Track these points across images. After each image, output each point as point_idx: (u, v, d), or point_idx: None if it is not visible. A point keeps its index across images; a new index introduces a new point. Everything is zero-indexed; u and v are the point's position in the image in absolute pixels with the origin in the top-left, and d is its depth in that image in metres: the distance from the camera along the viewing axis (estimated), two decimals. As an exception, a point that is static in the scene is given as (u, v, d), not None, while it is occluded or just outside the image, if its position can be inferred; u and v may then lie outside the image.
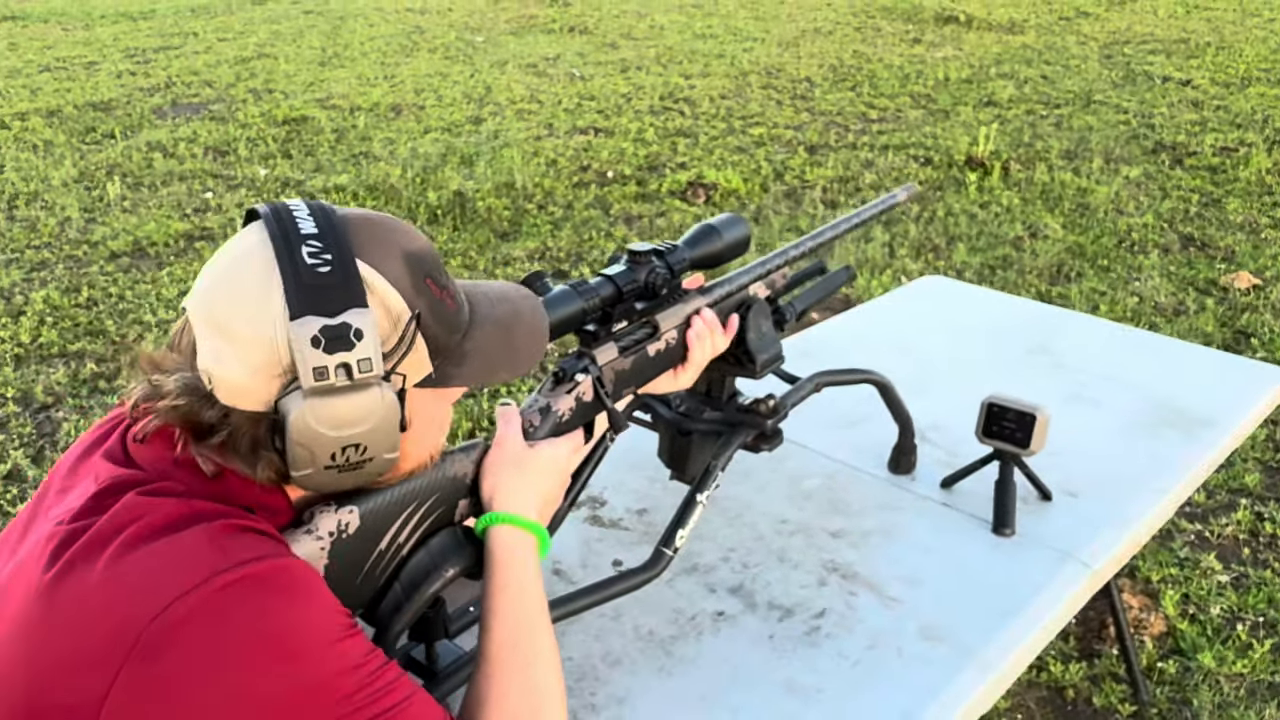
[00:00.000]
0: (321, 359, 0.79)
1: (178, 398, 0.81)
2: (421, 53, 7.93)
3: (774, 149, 5.75)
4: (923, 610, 1.24)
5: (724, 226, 1.26)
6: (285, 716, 0.75)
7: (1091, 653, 2.31)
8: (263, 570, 0.78)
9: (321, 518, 0.90)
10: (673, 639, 1.20)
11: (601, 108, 6.45)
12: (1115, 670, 2.23)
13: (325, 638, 0.78)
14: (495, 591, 0.95)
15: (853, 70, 7.48)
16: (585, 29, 8.83)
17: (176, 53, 7.92)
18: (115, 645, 0.73)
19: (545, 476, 1.04)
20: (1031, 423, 1.37)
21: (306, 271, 0.80)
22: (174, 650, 0.73)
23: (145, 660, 0.72)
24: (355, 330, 0.80)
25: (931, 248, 4.51)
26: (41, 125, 6.02)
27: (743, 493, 1.47)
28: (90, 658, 0.73)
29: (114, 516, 0.79)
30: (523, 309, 0.98)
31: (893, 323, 2.07)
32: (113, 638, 0.73)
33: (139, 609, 0.73)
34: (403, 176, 5.03)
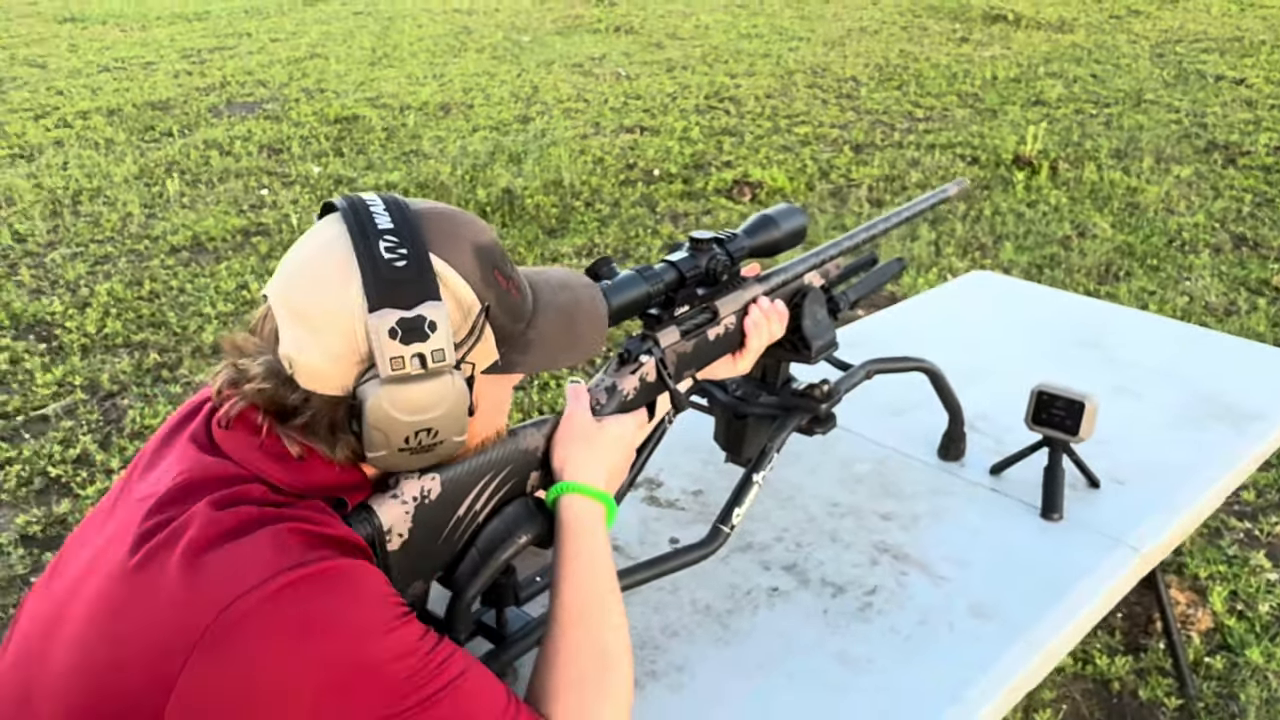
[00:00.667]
0: (398, 349, 0.84)
1: (263, 381, 0.87)
2: (469, 52, 8.03)
3: (819, 148, 5.77)
4: (972, 589, 1.27)
5: (782, 216, 1.31)
6: (343, 701, 0.79)
7: (1138, 646, 2.32)
8: (320, 569, 0.82)
9: (406, 484, 0.95)
10: (729, 612, 1.24)
11: (648, 106, 6.50)
12: (1162, 664, 2.24)
13: (377, 628, 0.82)
14: (566, 558, 1.00)
15: (899, 69, 7.47)
16: (631, 29, 8.89)
17: (231, 53, 8.08)
18: (185, 637, 0.78)
19: (612, 450, 1.09)
20: (1080, 410, 1.40)
21: (384, 266, 0.84)
22: (236, 643, 0.77)
23: (210, 652, 0.77)
24: (430, 323, 0.84)
25: (978, 246, 4.51)
26: (102, 124, 6.18)
27: (794, 476, 1.51)
28: (163, 646, 0.78)
29: (191, 516, 0.83)
30: (583, 297, 1.03)
31: (941, 316, 2.10)
32: (183, 630, 0.78)
33: (206, 604, 0.78)
34: (453, 174, 5.12)
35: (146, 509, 0.85)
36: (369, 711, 0.80)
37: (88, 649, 0.81)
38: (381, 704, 0.80)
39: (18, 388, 3.30)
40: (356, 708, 0.79)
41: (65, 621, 0.84)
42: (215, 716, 0.77)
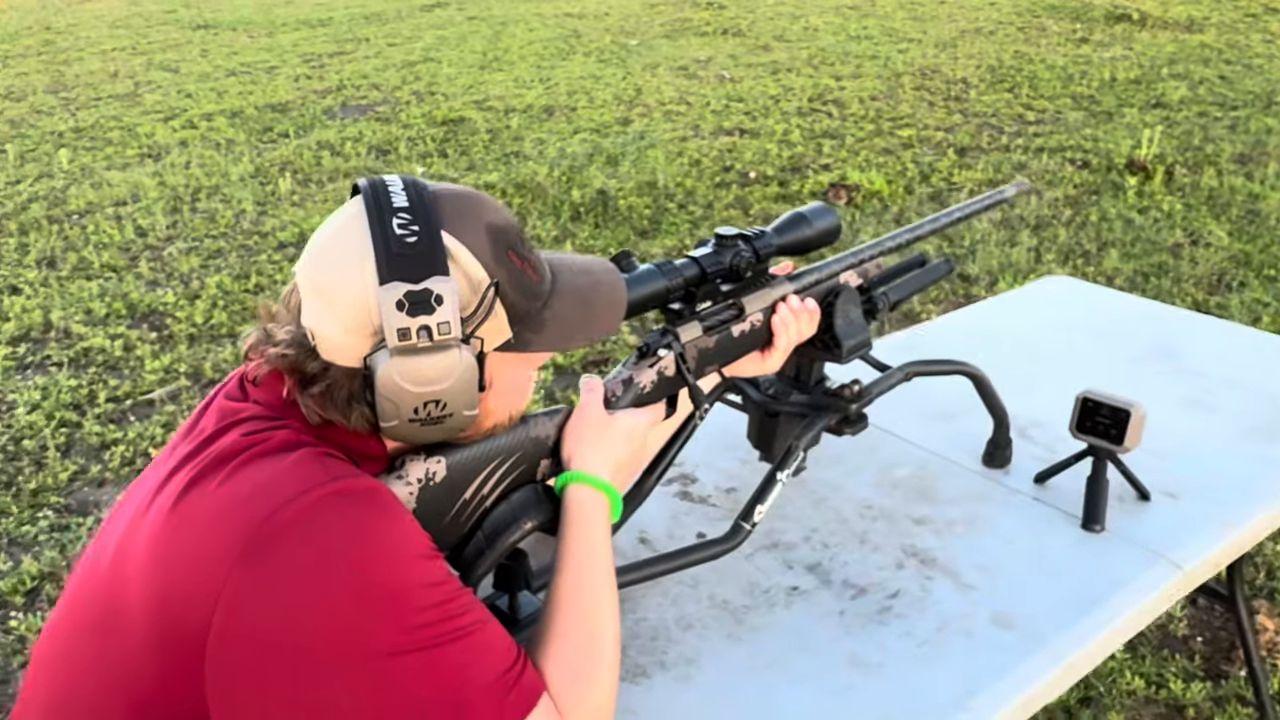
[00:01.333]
0: (405, 321, 0.87)
1: (287, 347, 0.92)
2: (577, 56, 8.14)
3: (922, 151, 5.67)
4: (998, 597, 1.24)
5: (814, 215, 1.30)
6: (370, 617, 0.82)
7: (1218, 673, 2.22)
8: (359, 486, 0.87)
9: (412, 465, 0.99)
10: (745, 609, 1.25)
11: (749, 109, 6.49)
12: (1242, 693, 2.14)
13: (411, 551, 0.86)
14: (567, 545, 1.03)
15: (1012, 71, 7.28)
16: (739, 31, 8.87)
17: (349, 58, 8.38)
18: (230, 545, 0.83)
19: (622, 443, 1.10)
20: (1126, 418, 1.35)
21: (395, 241, 0.89)
22: (278, 550, 0.82)
23: (253, 558, 0.82)
24: (436, 296, 0.88)
25: (1081, 253, 4.37)
26: (225, 125, 6.49)
27: (831, 477, 1.50)
28: (210, 556, 0.83)
29: (232, 442, 0.90)
30: (603, 281, 1.05)
31: (1011, 320, 2.05)
32: (228, 539, 0.83)
33: (249, 514, 0.84)
34: (549, 175, 5.20)
35: (190, 449, 0.92)
36: (395, 630, 0.83)
37: (149, 585, 0.86)
38: (407, 625, 0.83)
39: (128, 373, 3.50)
40: (386, 623, 0.83)
41: (128, 564, 0.90)
42: (257, 624, 0.82)
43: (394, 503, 0.89)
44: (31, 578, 2.52)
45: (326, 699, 0.82)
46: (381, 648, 0.82)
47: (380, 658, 0.82)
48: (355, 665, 0.82)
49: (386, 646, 0.83)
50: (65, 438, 3.14)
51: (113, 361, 3.58)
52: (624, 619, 1.22)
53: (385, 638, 0.83)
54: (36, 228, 4.86)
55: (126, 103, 7.17)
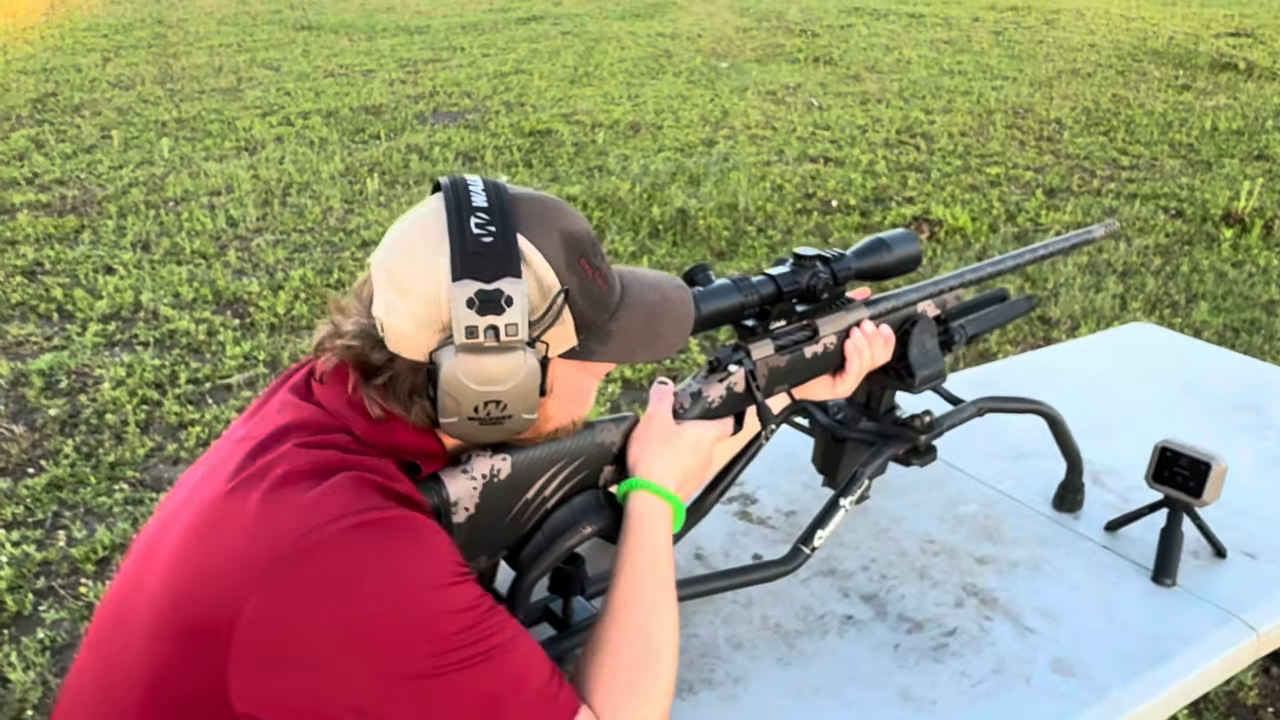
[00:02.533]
0: (474, 319, 0.88)
1: (353, 339, 0.94)
2: (667, 75, 8.19)
3: (1009, 189, 5.58)
4: (1059, 644, 1.21)
5: (895, 241, 1.29)
6: (394, 645, 0.83)
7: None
8: (391, 517, 0.87)
9: (477, 460, 1.00)
10: (797, 633, 1.23)
11: (835, 138, 6.46)
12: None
13: (437, 580, 0.86)
14: (627, 552, 1.02)
15: (1109, 114, 7.14)
16: (830, 60, 8.85)
17: (443, 65, 8.54)
18: (257, 563, 0.84)
19: (688, 454, 1.10)
20: (1206, 471, 1.31)
21: (472, 240, 0.90)
22: (303, 575, 0.83)
23: (278, 579, 0.83)
24: (507, 297, 0.88)
25: (1169, 304, 4.25)
26: (320, 124, 6.66)
27: (894, 508, 1.48)
28: (237, 570, 0.85)
29: (279, 455, 0.91)
30: (672, 297, 1.05)
31: (1090, 363, 2.00)
32: (257, 557, 0.84)
33: (281, 534, 0.85)
34: (631, 191, 5.23)
35: (247, 449, 0.93)
36: (415, 658, 0.84)
37: (175, 569, 0.89)
38: (428, 653, 0.84)
39: (210, 357, 3.60)
40: (404, 652, 0.83)
41: (161, 547, 0.92)
42: (275, 640, 0.83)
43: (424, 530, 0.89)
44: (104, 547, 2.60)
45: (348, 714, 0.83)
46: (398, 674, 0.83)
47: (397, 682, 0.83)
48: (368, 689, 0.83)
49: (404, 673, 0.83)
50: (145, 415, 3.24)
51: (196, 345, 3.68)
52: (676, 633, 1.22)
53: (403, 664, 0.83)
54: (135, 211, 5.03)
55: (228, 97, 7.40)
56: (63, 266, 4.37)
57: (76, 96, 7.42)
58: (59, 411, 3.23)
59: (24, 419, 3.20)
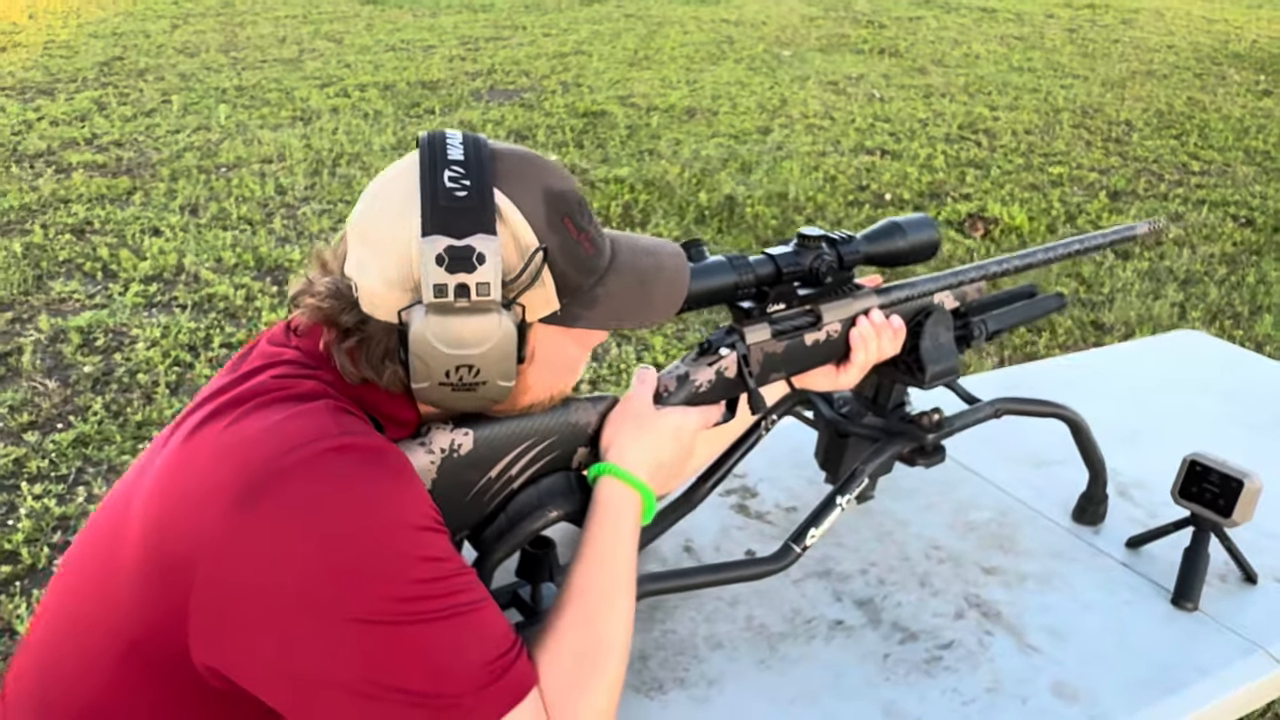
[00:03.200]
0: (442, 277, 0.83)
1: (325, 299, 0.89)
2: (727, 62, 8.08)
3: (1071, 190, 5.40)
4: (1063, 665, 1.13)
5: (910, 226, 1.21)
6: (359, 581, 0.78)
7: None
8: (368, 444, 0.83)
9: (437, 434, 0.95)
10: (782, 636, 1.16)
11: (894, 130, 6.31)
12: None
13: (412, 520, 0.82)
14: (587, 539, 0.97)
15: (1182, 118, 6.89)
16: (896, 52, 8.67)
17: (504, 43, 8.52)
18: (229, 484, 0.80)
19: (666, 441, 1.04)
20: (1238, 489, 1.21)
21: (444, 194, 0.84)
22: (273, 497, 0.79)
23: (248, 501, 0.79)
24: (479, 254, 0.83)
25: (1231, 314, 4.08)
26: (376, 97, 6.67)
27: (901, 510, 1.40)
28: (208, 493, 0.81)
29: (257, 384, 0.88)
30: (667, 265, 0.99)
31: (1133, 370, 1.90)
32: (229, 478, 0.80)
33: (252, 456, 0.81)
34: (680, 175, 5.15)
35: (221, 384, 0.90)
36: (375, 599, 0.78)
37: (148, 508, 0.85)
38: (391, 595, 0.79)
39: (245, 322, 3.60)
40: (371, 590, 0.78)
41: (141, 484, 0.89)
42: (240, 568, 0.78)
43: (403, 468, 0.85)
44: (121, 505, 2.60)
45: (298, 655, 0.78)
46: (360, 612, 0.78)
47: (357, 623, 0.78)
48: (331, 625, 0.78)
49: (365, 612, 0.78)
50: (177, 377, 3.25)
51: (233, 309, 3.69)
52: (651, 629, 1.16)
53: (365, 604, 0.78)
54: (186, 175, 5.08)
55: (289, 67, 7.45)
56: (111, 226, 4.41)
57: (142, 61, 7.52)
58: (93, 369, 3.25)
59: (58, 374, 3.23)
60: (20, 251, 4.08)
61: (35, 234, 4.26)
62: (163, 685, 0.84)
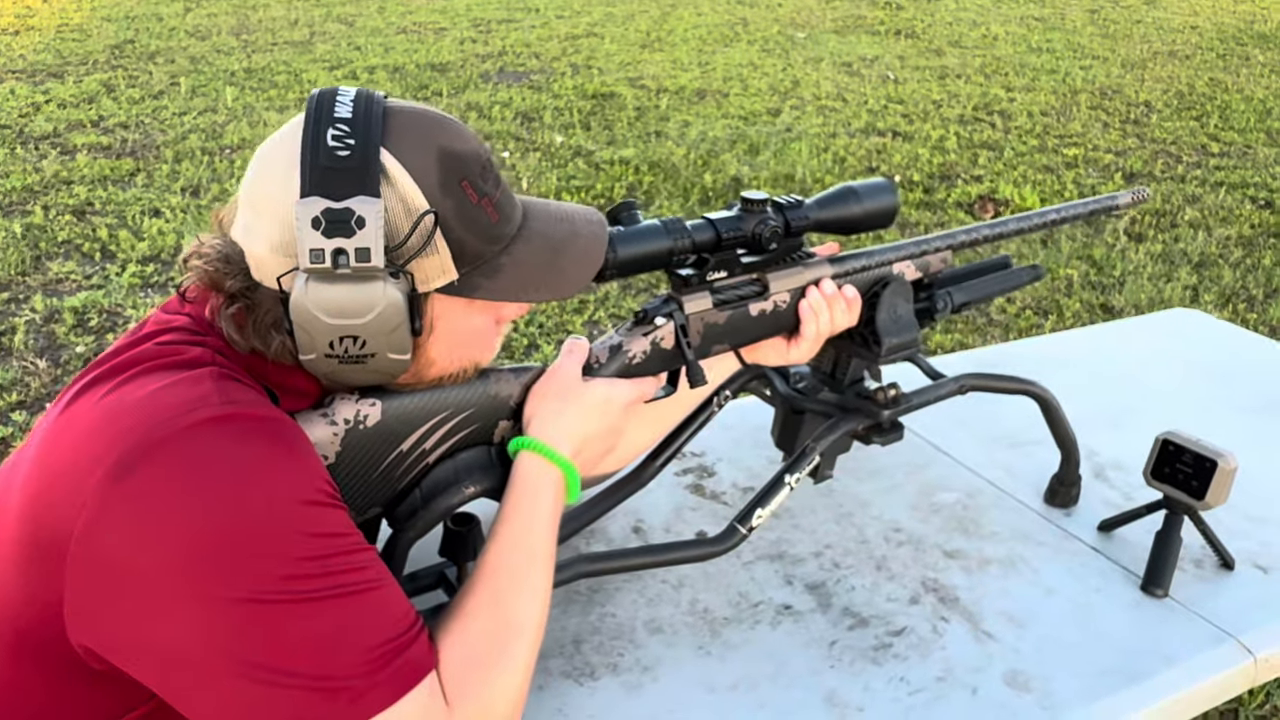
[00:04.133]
0: (319, 241, 0.78)
1: (210, 261, 0.84)
2: (740, 43, 7.98)
3: (1086, 172, 5.29)
4: (1019, 653, 1.07)
5: (866, 192, 1.14)
6: (238, 558, 0.74)
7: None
8: (254, 414, 0.79)
9: (340, 404, 0.90)
10: (726, 621, 1.11)
11: (907, 112, 6.20)
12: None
13: (299, 494, 0.77)
14: (501, 517, 0.92)
15: (1203, 99, 6.74)
16: (912, 33, 8.53)
17: (516, 25, 8.45)
18: (102, 456, 0.75)
19: (593, 415, 0.98)
20: (1211, 470, 1.14)
21: (325, 153, 0.80)
22: (147, 468, 0.74)
23: (121, 473, 0.74)
24: (358, 218, 0.78)
25: (1245, 298, 3.97)
26: (385, 79, 6.62)
27: (863, 492, 1.34)
28: (82, 466, 0.76)
29: (140, 352, 0.83)
30: (581, 231, 0.93)
31: (1122, 348, 1.82)
32: (102, 449, 0.76)
33: (126, 426, 0.76)
34: (685, 157, 5.08)
35: (103, 355, 0.86)
36: (259, 576, 0.74)
37: (27, 482, 0.81)
38: (276, 573, 0.74)
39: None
40: (249, 567, 0.74)
41: (23, 456, 0.85)
42: (113, 545, 0.74)
43: (294, 439, 0.80)
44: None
45: (175, 636, 0.74)
46: (241, 592, 0.73)
47: (238, 603, 0.73)
48: (208, 606, 0.73)
49: (246, 591, 0.73)
50: (167, 357, 3.22)
51: (227, 290, 3.66)
52: (590, 612, 1.11)
53: (245, 581, 0.74)
54: (190, 157, 5.05)
55: (299, 50, 7.42)
56: (112, 207, 4.39)
57: (153, 44, 7.51)
58: (85, 349, 3.23)
59: (50, 355, 3.21)
60: (20, 232, 4.07)
61: (36, 215, 4.25)
62: (52, 673, 0.80)
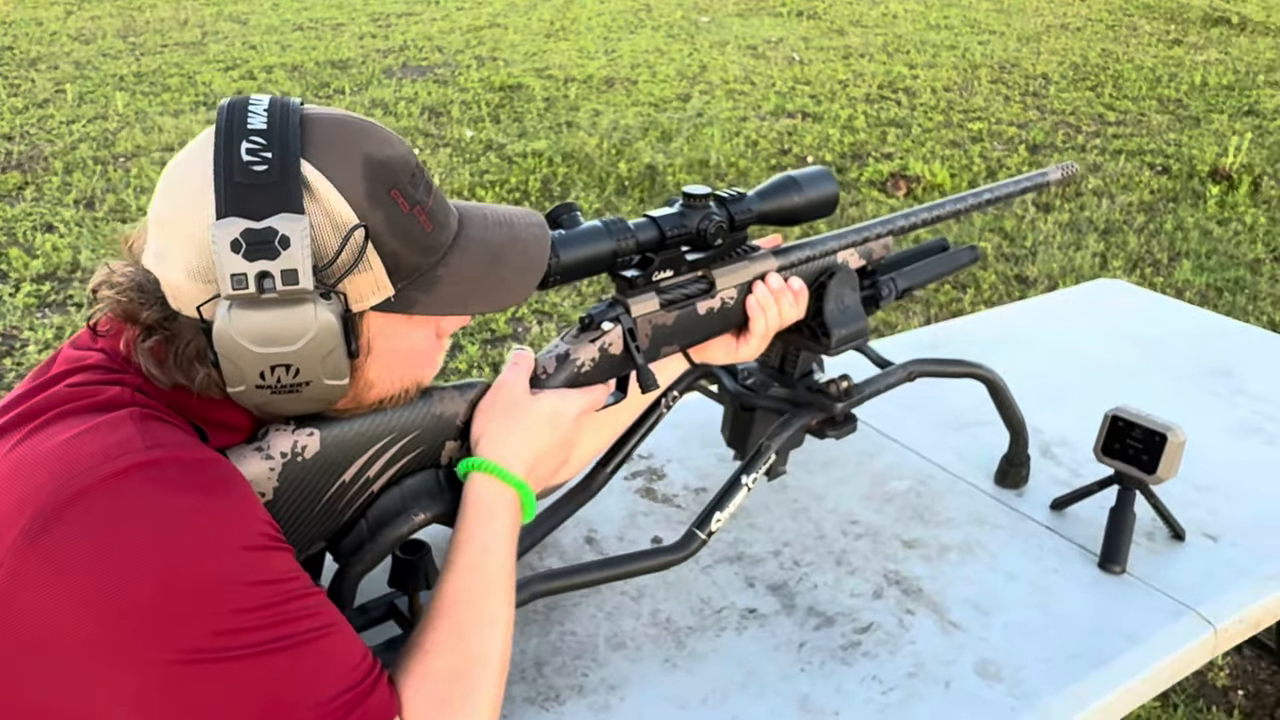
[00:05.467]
0: (241, 265, 0.72)
1: (123, 291, 0.78)
2: (645, 30, 7.95)
3: (991, 145, 5.39)
4: (987, 642, 1.06)
5: (807, 181, 1.12)
6: (171, 615, 0.68)
7: (1260, 732, 1.99)
8: (183, 457, 0.73)
9: (275, 436, 0.84)
10: (690, 630, 1.08)
11: (815, 93, 6.24)
12: (1286, 756, 1.91)
13: (236, 540, 0.71)
14: (456, 544, 0.87)
15: (1096, 69, 6.93)
16: (814, 14, 8.60)
17: (416, 19, 8.28)
18: (15, 514, 0.69)
19: (542, 430, 0.94)
20: (1161, 444, 1.15)
21: (240, 169, 0.73)
22: (67, 522, 0.68)
23: (39, 530, 0.68)
24: (282, 237, 0.72)
25: (1151, 262, 4.09)
26: (283, 78, 6.42)
27: (817, 485, 1.32)
28: None
29: (51, 395, 0.76)
30: (522, 236, 0.88)
31: (1052, 323, 1.84)
32: (15, 506, 0.69)
33: (43, 479, 0.70)
34: (598, 147, 5.03)
35: (9, 400, 0.79)
36: (195, 633, 0.68)
37: None
38: (215, 628, 0.69)
39: (143, 319, 3.42)
40: (187, 626, 0.68)
41: None
42: (33, 610, 0.68)
43: (228, 480, 0.74)
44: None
45: (106, 709, 0.67)
46: (174, 651, 0.67)
47: (173, 664, 0.67)
48: (141, 670, 0.67)
49: (182, 651, 0.67)
50: (71, 380, 3.07)
51: (131, 306, 3.51)
52: (549, 631, 1.06)
53: (182, 639, 0.68)
54: (81, 167, 4.83)
55: (191, 51, 7.15)
56: (0, 224, 4.17)
57: (34, 50, 7.16)
58: (-21, 377, 3.05)
59: (-59, 384, 3.03)
60: (-102, 256, 3.84)
61: (-86, 237, 4.02)
62: None
